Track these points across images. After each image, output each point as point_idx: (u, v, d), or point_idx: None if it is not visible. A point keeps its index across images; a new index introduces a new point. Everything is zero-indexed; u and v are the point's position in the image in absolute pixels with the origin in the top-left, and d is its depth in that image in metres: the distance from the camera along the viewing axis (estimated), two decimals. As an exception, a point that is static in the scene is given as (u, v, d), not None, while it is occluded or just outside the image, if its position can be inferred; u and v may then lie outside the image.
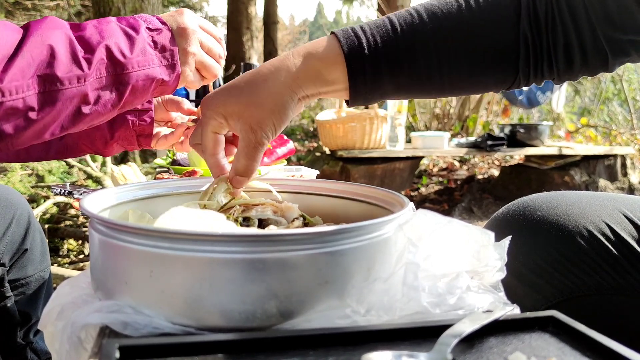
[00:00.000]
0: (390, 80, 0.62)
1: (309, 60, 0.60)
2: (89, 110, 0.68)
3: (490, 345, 0.41)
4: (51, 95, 0.63)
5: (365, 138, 3.05)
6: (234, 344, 0.39)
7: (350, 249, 0.44)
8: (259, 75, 0.60)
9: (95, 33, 0.67)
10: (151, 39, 0.71)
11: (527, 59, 0.62)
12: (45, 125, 0.65)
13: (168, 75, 0.73)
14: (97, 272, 0.48)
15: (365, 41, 0.60)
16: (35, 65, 0.62)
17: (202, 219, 0.49)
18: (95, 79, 0.66)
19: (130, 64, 0.69)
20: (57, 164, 3.06)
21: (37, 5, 7.70)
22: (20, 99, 0.61)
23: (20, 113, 0.62)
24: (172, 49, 0.73)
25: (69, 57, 0.64)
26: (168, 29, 0.74)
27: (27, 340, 1.10)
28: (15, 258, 1.04)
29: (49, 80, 0.63)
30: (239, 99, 0.60)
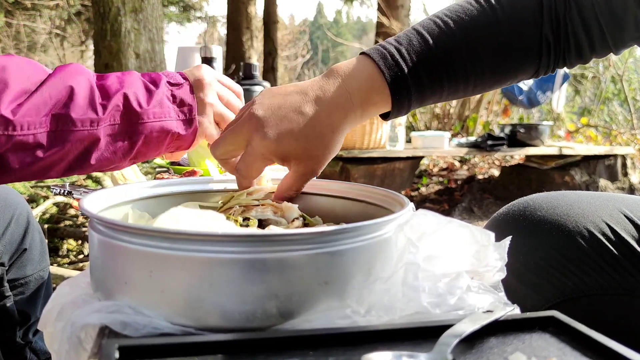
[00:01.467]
0: (431, 95, 0.65)
1: (367, 109, 0.63)
2: (99, 155, 0.68)
3: (491, 345, 0.41)
4: (62, 135, 0.64)
5: (365, 138, 3.05)
6: (234, 344, 0.39)
7: (350, 249, 0.44)
8: (323, 126, 0.60)
9: (116, 82, 0.69)
10: (170, 92, 0.72)
11: (547, 57, 0.67)
12: (52, 163, 0.65)
13: (184, 129, 0.72)
14: (96, 272, 0.48)
15: (405, 65, 0.62)
16: (52, 104, 0.63)
17: (202, 219, 0.49)
18: (109, 124, 0.67)
19: (145, 115, 0.69)
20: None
21: (37, 5, 7.70)
22: (31, 134, 0.62)
23: (28, 148, 0.62)
24: (190, 104, 0.73)
25: (86, 101, 0.65)
26: (189, 84, 0.74)
27: (26, 340, 1.10)
28: (15, 258, 1.04)
29: (62, 120, 0.64)
30: (306, 148, 0.60)
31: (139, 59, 4.12)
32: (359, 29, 25.71)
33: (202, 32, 11.90)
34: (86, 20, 7.84)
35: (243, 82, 1.55)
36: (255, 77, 1.58)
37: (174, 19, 11.18)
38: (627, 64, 5.86)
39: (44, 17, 8.41)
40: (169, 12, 10.60)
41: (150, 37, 4.16)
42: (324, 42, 15.43)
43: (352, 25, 27.08)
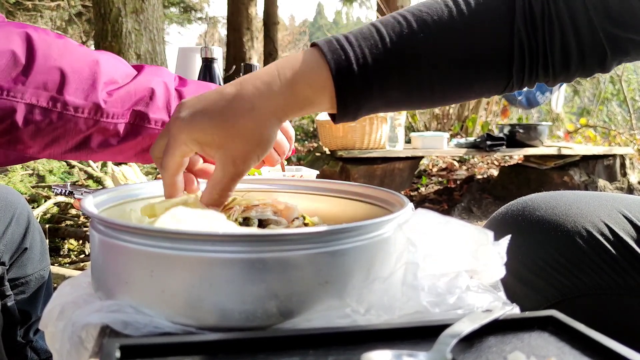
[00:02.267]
0: (380, 96, 0.58)
1: (297, 87, 0.55)
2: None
3: (490, 344, 0.41)
4: (137, 129, 0.72)
5: (365, 138, 3.05)
6: (234, 343, 0.39)
7: (350, 249, 0.44)
8: (243, 101, 0.53)
9: (192, 92, 0.75)
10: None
11: (521, 63, 0.59)
12: (122, 151, 0.73)
13: None
14: (97, 271, 0.48)
15: (354, 57, 0.55)
16: (135, 99, 0.71)
17: (203, 219, 0.49)
18: None
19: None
20: (57, 164, 3.06)
21: (38, 5, 7.70)
22: (113, 123, 0.70)
23: (107, 134, 0.70)
24: None
25: (163, 103, 0.73)
26: None
27: (27, 339, 1.11)
28: (15, 257, 1.05)
29: (140, 116, 0.71)
30: (220, 128, 0.53)
31: (140, 60, 4.13)
32: (359, 30, 25.68)
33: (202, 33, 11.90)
34: (87, 21, 7.84)
35: (243, 83, 1.55)
36: (255, 77, 1.57)
37: (174, 19, 11.18)
38: (626, 64, 5.86)
39: (45, 17, 8.41)
40: (169, 13, 10.60)
41: (151, 38, 4.16)
42: (324, 42, 15.42)
43: (352, 26, 27.13)
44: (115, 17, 4.00)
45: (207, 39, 10.79)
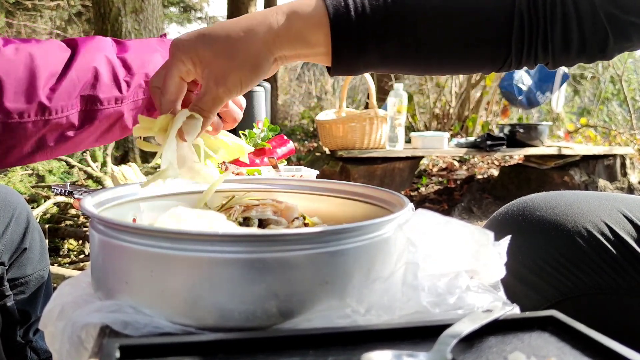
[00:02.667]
0: (376, 49, 0.58)
1: (292, 19, 0.56)
2: (122, 127, 0.75)
3: (490, 344, 0.41)
4: (91, 114, 0.70)
5: (365, 138, 3.05)
6: (234, 343, 0.39)
7: (350, 249, 0.44)
8: (238, 27, 0.56)
9: (137, 58, 0.73)
10: None
11: (521, 36, 0.58)
12: (83, 139, 0.72)
13: None
14: (97, 271, 0.48)
15: (353, 5, 0.57)
16: (80, 85, 0.68)
17: (203, 219, 0.49)
18: (132, 101, 0.73)
19: None
20: (57, 164, 3.06)
21: (37, 5, 7.70)
22: (64, 116, 0.68)
23: (63, 128, 0.68)
24: None
25: (110, 79, 0.70)
26: None
27: (27, 339, 1.11)
28: (15, 257, 1.05)
29: (90, 101, 0.69)
30: (212, 46, 0.56)
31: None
32: (359, 29, 25.73)
33: (202, 33, 11.88)
34: (87, 20, 7.84)
35: (243, 83, 1.55)
36: (255, 77, 1.57)
37: (174, 19, 11.18)
38: (626, 64, 5.86)
39: (45, 17, 8.41)
40: (169, 13, 10.60)
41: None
42: (324, 42, 15.43)
43: (352, 26, 27.10)
44: (115, 17, 4.00)
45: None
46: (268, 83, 1.64)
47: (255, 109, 1.51)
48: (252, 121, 1.48)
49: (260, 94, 1.52)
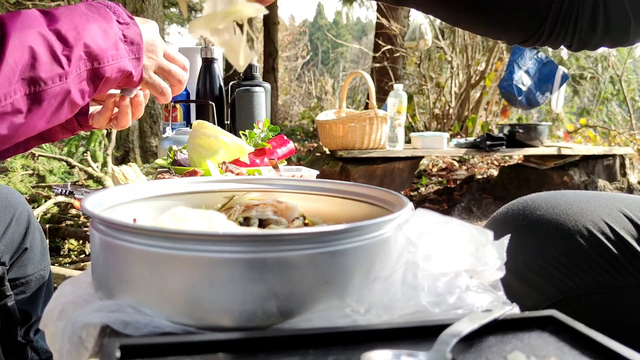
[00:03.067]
0: None
1: None
2: (71, 103, 0.71)
3: (490, 344, 0.41)
4: (37, 96, 0.66)
5: (365, 138, 3.05)
6: (234, 343, 0.39)
7: (350, 249, 0.44)
8: None
9: (71, 28, 0.69)
10: (121, 32, 0.74)
11: (559, 8, 0.61)
12: (34, 123, 0.68)
13: (135, 67, 0.76)
14: (98, 271, 0.49)
15: None
16: (19, 69, 0.64)
17: (203, 219, 0.49)
18: (76, 75, 0.69)
19: (106, 58, 0.71)
20: (58, 164, 3.06)
21: (37, 5, 7.70)
22: (9, 103, 0.64)
23: (10, 116, 0.65)
24: (139, 43, 0.76)
25: (49, 56, 0.66)
26: (135, 24, 0.76)
27: (28, 339, 1.11)
28: (15, 257, 1.05)
29: (33, 82, 0.65)
30: None
31: (139, 60, 4.12)
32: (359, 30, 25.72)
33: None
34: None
35: (243, 83, 1.56)
36: (255, 77, 1.58)
37: (174, 19, 11.18)
38: (626, 64, 5.87)
39: (44, 17, 8.41)
40: (169, 13, 10.59)
41: (150, 38, 4.16)
42: (324, 43, 15.42)
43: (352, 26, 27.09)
44: (115, 17, 4.00)
45: (207, 39, 10.79)
46: (268, 83, 1.64)
47: (256, 109, 1.51)
48: (252, 121, 1.48)
49: (260, 94, 1.52)
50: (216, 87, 1.57)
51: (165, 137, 1.36)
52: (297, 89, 10.15)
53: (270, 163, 1.13)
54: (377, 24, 6.79)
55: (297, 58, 12.02)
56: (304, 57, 11.99)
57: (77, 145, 3.23)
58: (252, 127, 1.26)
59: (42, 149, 3.09)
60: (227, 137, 1.09)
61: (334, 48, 14.37)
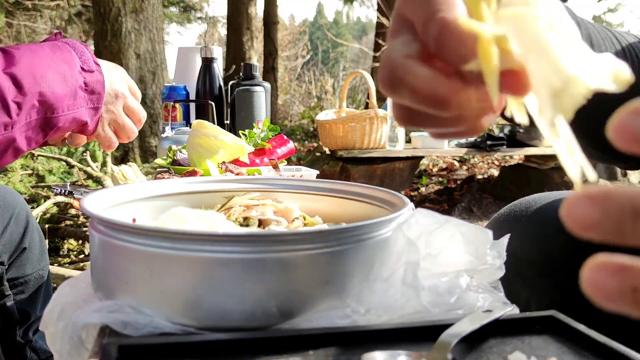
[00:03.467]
0: None
1: None
2: (15, 150, 0.68)
3: (490, 345, 0.41)
4: None
5: (365, 138, 3.05)
6: (234, 343, 0.39)
7: (350, 249, 0.44)
8: None
9: (29, 74, 0.65)
10: (83, 80, 0.71)
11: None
12: None
13: (91, 117, 0.73)
14: (97, 272, 0.48)
15: None
16: None
17: (203, 219, 0.49)
18: (25, 123, 0.66)
19: (60, 108, 0.68)
20: (57, 164, 3.06)
21: (37, 5, 7.70)
22: None
23: None
24: (100, 92, 0.73)
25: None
26: (100, 72, 0.73)
27: (27, 339, 1.11)
28: (14, 257, 1.05)
29: None
30: None
31: (140, 59, 4.13)
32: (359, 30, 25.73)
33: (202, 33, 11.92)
34: (87, 20, 7.84)
35: (243, 83, 1.55)
36: (255, 77, 1.58)
37: (174, 19, 11.18)
38: (627, 64, 5.86)
39: (45, 17, 8.41)
40: (169, 13, 10.59)
41: (150, 38, 4.16)
42: (324, 42, 15.43)
43: (352, 26, 27.10)
44: (115, 17, 4.00)
45: (207, 38, 10.80)
46: (268, 83, 1.64)
47: (255, 108, 1.51)
48: (252, 121, 1.48)
49: (260, 94, 1.52)
50: (216, 86, 1.56)
51: (165, 136, 1.36)
52: (297, 88, 10.15)
53: (270, 163, 1.13)
54: (377, 24, 6.79)
55: (297, 57, 12.02)
56: (304, 56, 11.99)
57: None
58: (252, 127, 1.26)
59: (41, 149, 3.09)
60: (227, 136, 1.09)
61: (334, 47, 14.38)
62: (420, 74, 0.30)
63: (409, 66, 0.30)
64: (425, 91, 0.30)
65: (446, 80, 0.30)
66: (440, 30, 0.29)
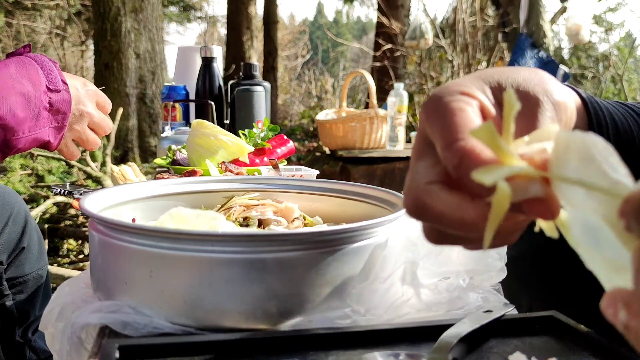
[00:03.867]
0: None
1: None
2: None
3: (491, 345, 0.41)
4: None
5: (365, 138, 3.05)
6: (234, 344, 0.39)
7: (350, 249, 0.44)
8: None
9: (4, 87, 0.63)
10: (48, 100, 0.69)
11: None
12: None
13: (54, 136, 0.72)
14: (97, 272, 0.48)
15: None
16: None
17: (202, 219, 0.49)
18: None
19: (21, 131, 0.67)
20: (57, 164, 3.06)
21: (37, 5, 7.70)
22: None
23: None
24: (65, 112, 0.71)
25: None
26: (67, 90, 0.71)
27: (26, 339, 1.11)
28: (13, 256, 1.05)
29: None
30: None
31: (139, 59, 4.12)
32: (359, 29, 25.73)
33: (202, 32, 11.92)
34: (86, 20, 7.84)
35: (243, 82, 1.55)
36: (255, 77, 1.57)
37: (174, 18, 11.18)
38: (627, 64, 5.86)
39: (44, 17, 8.41)
40: (169, 12, 10.59)
41: (150, 37, 4.16)
42: (324, 42, 15.43)
43: (352, 25, 27.10)
44: (115, 16, 3.99)
45: (207, 38, 10.80)
46: (268, 82, 1.64)
47: (255, 108, 1.51)
48: (252, 121, 1.48)
49: (260, 94, 1.52)
50: (216, 86, 1.56)
51: (165, 136, 1.36)
52: (297, 88, 10.15)
53: (270, 163, 1.13)
54: (377, 23, 6.79)
55: (297, 57, 12.02)
56: (303, 56, 12.00)
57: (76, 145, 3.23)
58: (252, 127, 1.26)
59: (40, 149, 3.09)
60: (227, 136, 1.08)
61: (334, 47, 14.38)
62: (445, 201, 0.30)
63: (434, 193, 0.30)
64: (452, 217, 0.30)
65: (471, 204, 0.29)
66: (459, 161, 0.29)
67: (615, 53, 6.10)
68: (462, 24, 5.36)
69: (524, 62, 4.40)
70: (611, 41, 7.80)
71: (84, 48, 8.35)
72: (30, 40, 7.81)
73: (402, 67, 6.57)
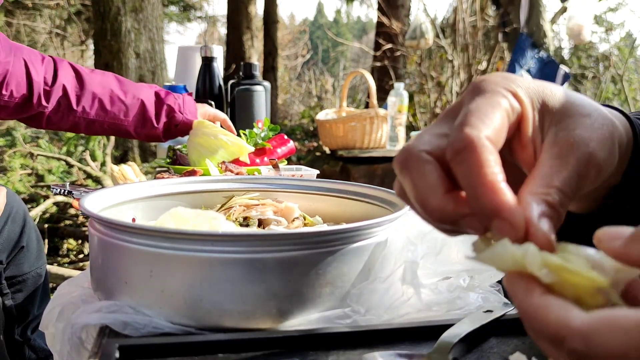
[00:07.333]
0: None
1: None
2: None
3: (491, 345, 0.41)
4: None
5: (365, 138, 3.04)
6: (234, 344, 0.39)
7: (350, 249, 0.44)
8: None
9: (173, 100, 1.15)
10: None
11: None
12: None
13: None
14: (97, 272, 0.48)
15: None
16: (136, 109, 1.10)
17: (202, 219, 0.49)
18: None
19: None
20: (56, 164, 3.06)
21: (37, 4, 7.70)
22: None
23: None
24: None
25: (152, 114, 1.12)
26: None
27: (25, 338, 1.11)
28: (12, 255, 1.05)
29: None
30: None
31: (139, 59, 4.12)
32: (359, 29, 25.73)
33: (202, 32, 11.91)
34: (86, 19, 7.84)
35: (243, 82, 1.55)
36: (255, 76, 1.57)
37: (174, 18, 11.18)
38: (627, 64, 5.86)
39: (44, 16, 8.40)
40: (169, 12, 10.59)
41: (150, 37, 4.16)
42: (324, 41, 15.42)
43: (352, 25, 27.09)
44: (115, 16, 3.99)
45: (207, 37, 10.79)
46: (268, 82, 1.64)
47: (255, 108, 1.50)
48: (252, 121, 1.48)
49: (261, 94, 1.52)
50: (216, 86, 1.56)
51: (165, 136, 1.36)
52: (297, 88, 10.15)
53: (270, 162, 1.13)
54: (377, 23, 6.79)
55: (297, 57, 12.02)
56: (304, 56, 11.99)
57: (76, 145, 3.23)
58: (252, 127, 1.26)
59: (40, 149, 3.09)
60: (227, 136, 1.08)
61: (334, 47, 14.37)
62: (428, 177, 0.29)
63: (420, 162, 0.29)
64: (419, 194, 0.29)
65: (451, 197, 0.28)
66: (458, 150, 0.28)
67: (615, 53, 6.10)
68: (463, 24, 5.36)
69: (525, 62, 4.40)
70: (611, 41, 7.80)
71: (84, 48, 8.34)
72: (30, 39, 7.81)
73: (403, 67, 6.57)
